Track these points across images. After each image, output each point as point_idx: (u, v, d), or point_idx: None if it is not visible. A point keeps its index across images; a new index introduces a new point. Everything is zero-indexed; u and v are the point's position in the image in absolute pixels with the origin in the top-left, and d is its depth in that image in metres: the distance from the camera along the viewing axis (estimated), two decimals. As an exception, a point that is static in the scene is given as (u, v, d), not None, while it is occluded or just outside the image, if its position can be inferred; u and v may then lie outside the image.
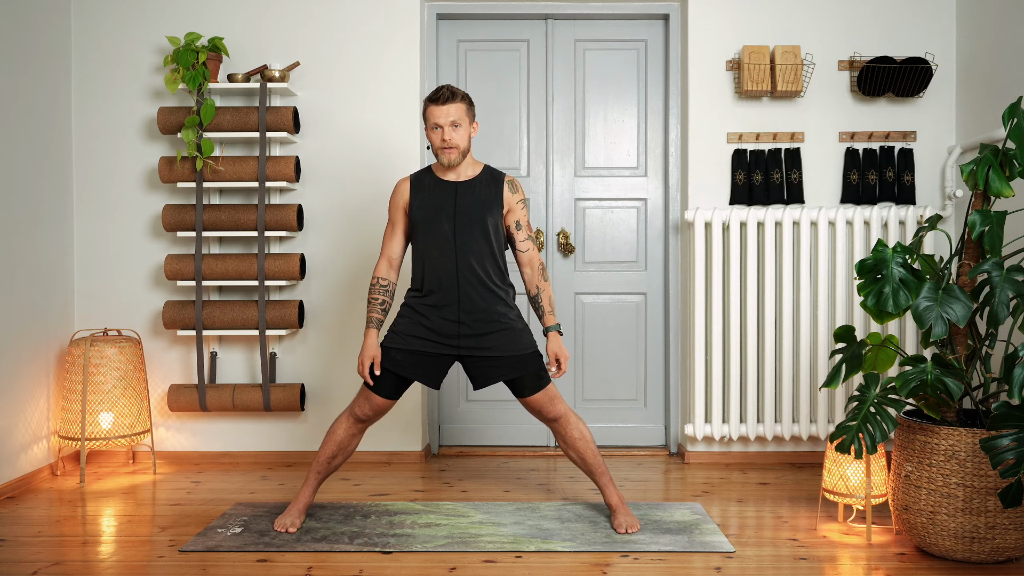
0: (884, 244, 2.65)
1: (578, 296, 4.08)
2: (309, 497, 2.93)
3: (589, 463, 2.93)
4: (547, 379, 2.88)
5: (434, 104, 2.81)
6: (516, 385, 2.88)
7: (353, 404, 2.91)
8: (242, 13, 3.86)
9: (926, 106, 3.83)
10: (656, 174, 4.06)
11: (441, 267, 2.82)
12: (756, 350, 3.74)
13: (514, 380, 2.87)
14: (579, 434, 2.91)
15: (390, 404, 2.89)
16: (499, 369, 2.85)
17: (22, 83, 3.50)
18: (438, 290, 2.83)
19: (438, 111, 2.80)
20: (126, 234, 3.88)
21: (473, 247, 2.82)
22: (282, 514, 2.91)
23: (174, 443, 3.89)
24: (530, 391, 2.87)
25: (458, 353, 2.86)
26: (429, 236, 2.83)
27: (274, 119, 3.69)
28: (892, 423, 2.55)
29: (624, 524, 2.84)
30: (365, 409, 2.88)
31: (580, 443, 2.91)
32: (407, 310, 2.90)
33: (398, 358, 2.84)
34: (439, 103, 2.80)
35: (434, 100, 2.81)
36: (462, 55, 4.07)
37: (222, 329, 3.71)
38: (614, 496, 2.92)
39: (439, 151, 2.83)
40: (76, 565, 2.57)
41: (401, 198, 2.90)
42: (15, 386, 3.43)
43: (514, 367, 2.85)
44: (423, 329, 2.85)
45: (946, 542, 2.53)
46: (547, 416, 2.90)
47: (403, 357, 2.84)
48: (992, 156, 2.60)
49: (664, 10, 3.99)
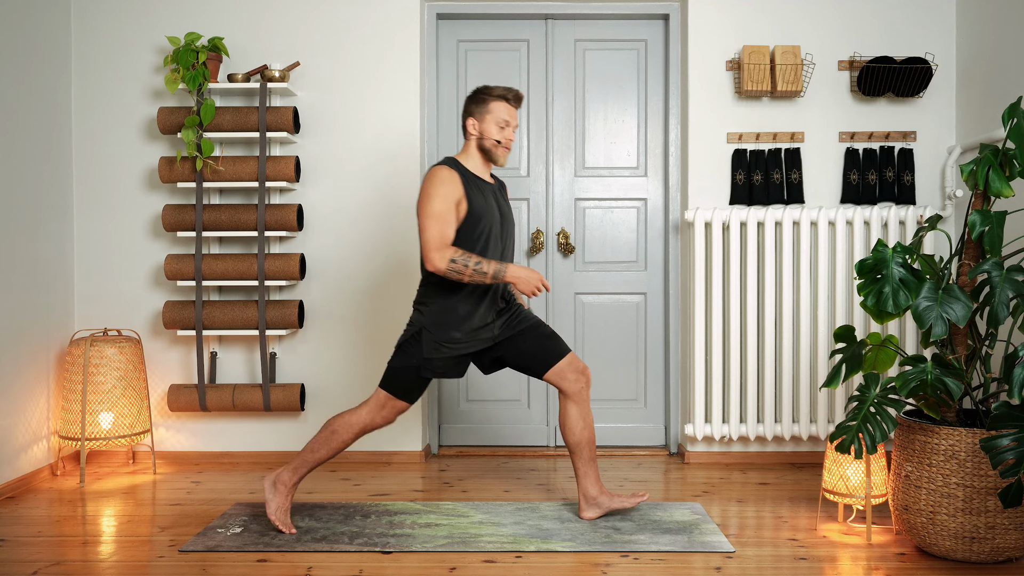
0: (884, 244, 2.65)
1: (578, 296, 4.08)
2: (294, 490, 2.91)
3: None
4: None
5: (509, 103, 2.87)
6: (537, 348, 2.91)
7: (373, 412, 2.86)
8: (242, 13, 3.86)
9: (926, 106, 3.83)
10: (656, 174, 4.06)
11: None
12: (756, 350, 3.74)
13: (538, 346, 2.90)
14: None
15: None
16: (526, 340, 2.89)
17: (22, 83, 3.50)
18: (494, 286, 2.87)
19: (510, 111, 2.87)
20: (126, 234, 3.88)
21: (510, 244, 2.97)
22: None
23: (174, 443, 3.89)
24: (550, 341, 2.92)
25: (493, 342, 2.89)
26: (484, 232, 2.84)
27: (274, 119, 3.69)
28: (892, 423, 2.55)
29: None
30: (387, 416, 2.87)
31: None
32: (446, 316, 2.82)
33: (440, 367, 2.85)
34: (514, 103, 2.88)
35: (509, 99, 2.87)
36: (462, 55, 4.07)
37: (222, 329, 3.71)
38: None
39: (499, 149, 2.88)
40: (76, 565, 2.57)
41: (456, 189, 2.79)
42: (15, 386, 3.43)
43: (534, 331, 2.91)
44: (470, 332, 2.84)
45: (946, 542, 2.53)
46: (579, 366, 2.92)
47: (444, 364, 2.85)
48: (992, 156, 2.60)
49: (664, 10, 3.99)
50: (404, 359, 2.85)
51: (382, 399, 2.87)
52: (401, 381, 2.85)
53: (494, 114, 2.85)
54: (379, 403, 2.87)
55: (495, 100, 2.86)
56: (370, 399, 2.90)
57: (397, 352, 2.88)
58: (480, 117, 2.88)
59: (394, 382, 2.86)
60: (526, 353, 2.90)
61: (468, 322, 2.83)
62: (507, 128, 2.86)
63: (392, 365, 2.88)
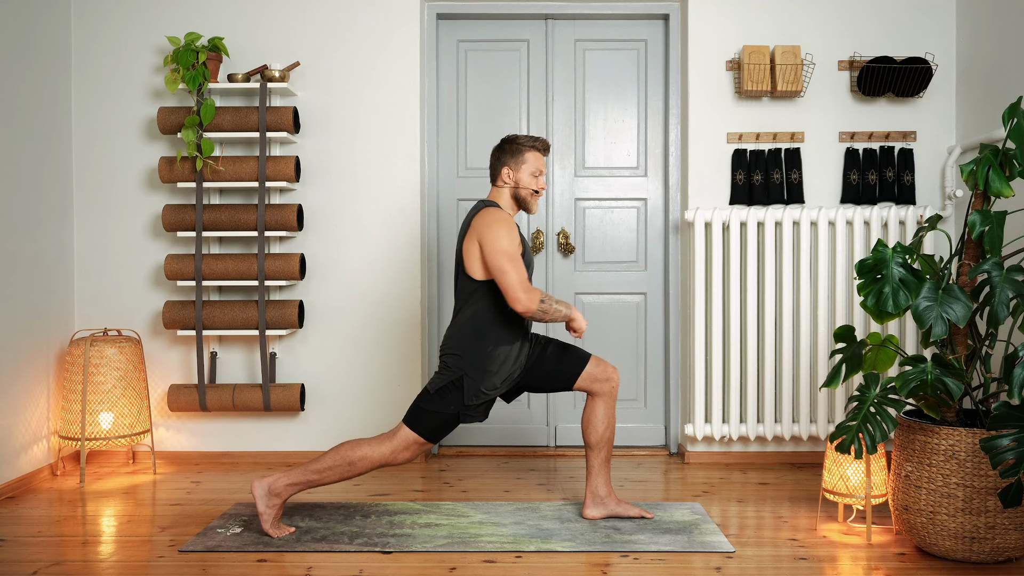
0: (884, 244, 2.65)
1: (578, 296, 4.08)
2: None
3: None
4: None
5: (541, 152, 2.91)
6: (561, 363, 2.93)
7: (397, 452, 2.79)
8: (242, 13, 3.86)
9: (926, 106, 3.83)
10: (656, 174, 4.06)
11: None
12: (756, 350, 3.74)
13: (557, 362, 2.93)
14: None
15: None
16: (544, 363, 2.92)
17: (22, 83, 3.50)
18: (524, 323, 2.90)
19: (542, 160, 2.91)
20: (126, 234, 3.88)
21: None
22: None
23: (174, 443, 3.89)
24: (570, 353, 2.94)
25: (521, 371, 2.90)
26: (527, 274, 2.86)
27: (274, 119, 3.69)
28: (892, 423, 2.55)
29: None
30: (409, 456, 2.82)
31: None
32: (489, 363, 2.81)
33: (478, 413, 2.85)
34: (546, 152, 2.92)
35: (540, 149, 2.90)
36: (462, 55, 4.07)
37: (222, 329, 3.71)
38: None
39: (532, 197, 2.91)
40: (76, 565, 2.57)
41: (516, 231, 2.82)
42: (15, 386, 3.43)
43: (548, 351, 2.95)
44: (507, 375, 2.85)
45: (946, 542, 2.53)
46: (604, 371, 2.94)
47: (484, 408, 2.87)
48: (992, 156, 2.60)
49: (664, 10, 3.99)
50: (440, 404, 2.80)
51: (409, 439, 2.80)
52: (432, 423, 2.80)
53: (529, 164, 2.88)
54: (405, 443, 2.80)
55: (529, 150, 2.88)
56: (394, 436, 2.80)
57: (432, 397, 2.81)
58: (515, 167, 2.89)
59: (424, 424, 2.80)
60: (548, 374, 2.92)
61: (507, 366, 2.84)
62: (540, 177, 2.90)
63: (424, 407, 2.81)
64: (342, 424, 3.87)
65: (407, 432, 2.80)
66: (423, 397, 2.83)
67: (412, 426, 2.81)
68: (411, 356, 3.87)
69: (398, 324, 3.86)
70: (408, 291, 3.86)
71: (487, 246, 2.75)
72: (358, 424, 3.87)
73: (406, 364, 3.87)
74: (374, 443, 2.80)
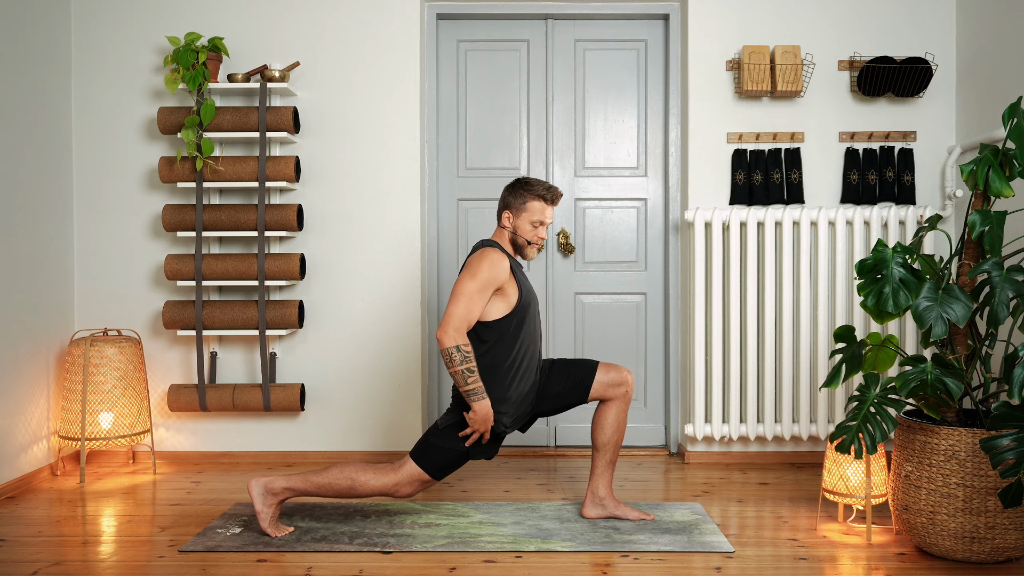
0: (884, 244, 2.65)
1: (578, 296, 4.08)
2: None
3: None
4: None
5: (547, 203, 2.86)
6: (574, 381, 2.93)
7: (400, 485, 2.78)
8: (242, 13, 3.86)
9: (926, 106, 3.83)
10: (656, 174, 4.06)
11: (534, 345, 2.88)
12: (756, 350, 3.74)
13: (565, 378, 2.93)
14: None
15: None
16: (552, 386, 2.92)
17: (22, 83, 3.50)
18: (532, 365, 2.88)
19: (549, 211, 2.87)
20: (126, 234, 3.88)
21: (539, 320, 2.96)
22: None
23: (174, 443, 3.89)
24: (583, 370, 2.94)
25: (530, 406, 2.91)
26: (531, 319, 2.85)
27: (274, 119, 3.69)
28: (892, 423, 2.55)
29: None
30: (412, 491, 2.81)
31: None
32: (502, 405, 2.79)
33: (490, 450, 2.85)
34: (551, 203, 2.87)
35: (547, 199, 2.85)
36: (462, 55, 4.07)
37: (222, 329, 3.71)
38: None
39: (530, 247, 2.88)
40: (76, 565, 2.57)
41: (503, 273, 2.75)
42: (15, 386, 3.43)
43: (553, 373, 2.95)
44: (519, 413, 2.86)
45: (946, 542, 2.53)
46: (617, 375, 2.93)
47: (494, 446, 2.85)
48: (992, 156, 2.60)
49: (664, 10, 3.99)
50: (451, 442, 2.78)
51: (413, 475, 2.78)
52: (440, 460, 2.79)
53: (529, 212, 2.84)
54: (409, 478, 2.78)
55: (534, 199, 2.84)
56: (399, 469, 2.78)
57: (441, 432, 2.80)
58: (516, 212, 2.86)
59: (432, 460, 2.78)
60: (559, 394, 2.92)
61: (518, 405, 2.84)
62: (540, 228, 2.86)
63: (433, 442, 2.79)
64: (342, 424, 3.87)
65: (412, 467, 2.79)
66: (433, 431, 2.83)
67: (418, 461, 2.79)
68: (411, 356, 3.87)
69: (398, 324, 3.86)
70: (408, 291, 3.86)
71: (460, 275, 2.76)
72: (358, 424, 3.87)
73: (406, 364, 3.87)
74: (379, 472, 2.78)
